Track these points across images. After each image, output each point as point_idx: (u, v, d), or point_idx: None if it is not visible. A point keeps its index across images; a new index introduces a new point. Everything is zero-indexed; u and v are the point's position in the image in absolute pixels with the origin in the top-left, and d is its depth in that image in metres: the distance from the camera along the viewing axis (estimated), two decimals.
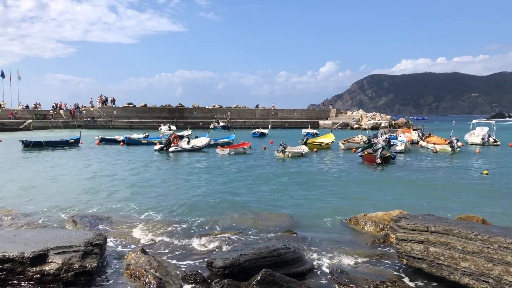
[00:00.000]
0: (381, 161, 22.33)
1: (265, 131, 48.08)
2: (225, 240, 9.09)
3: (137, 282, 6.83)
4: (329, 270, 7.40)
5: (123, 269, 7.37)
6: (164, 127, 54.83)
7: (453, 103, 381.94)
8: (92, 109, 62.22)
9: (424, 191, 15.54)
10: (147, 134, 39.68)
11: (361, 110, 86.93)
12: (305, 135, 39.06)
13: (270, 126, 63.79)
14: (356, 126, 63.03)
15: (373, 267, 7.61)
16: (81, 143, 33.64)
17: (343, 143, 33.00)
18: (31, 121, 55.96)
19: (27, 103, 63.57)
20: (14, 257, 6.63)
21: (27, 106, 62.46)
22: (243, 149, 28.74)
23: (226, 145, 33.08)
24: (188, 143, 29.71)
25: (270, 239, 9.19)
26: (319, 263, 7.78)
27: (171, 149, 28.04)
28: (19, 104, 62.88)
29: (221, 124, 61.44)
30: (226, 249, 8.38)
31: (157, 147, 28.84)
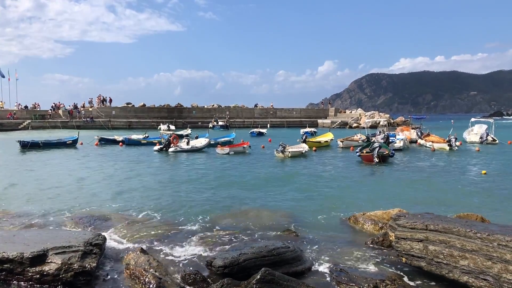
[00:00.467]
0: (378, 160, 22.39)
1: (263, 130, 48.05)
2: (225, 239, 9.10)
3: (137, 281, 6.83)
4: (329, 269, 7.42)
5: (122, 269, 7.37)
6: (163, 127, 54.79)
7: (451, 102, 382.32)
8: (91, 109, 62.13)
9: (423, 189, 15.55)
10: (147, 134, 39.58)
11: (359, 109, 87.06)
12: (304, 134, 39.09)
13: (269, 125, 63.80)
14: (355, 125, 63.08)
15: (372, 265, 7.61)
16: (81, 143, 33.56)
17: (342, 141, 33.07)
18: (29, 121, 55.86)
19: (26, 103, 63.70)
20: (13, 257, 6.63)
21: (26, 106, 62.36)
22: (243, 148, 28.72)
23: (226, 144, 33.11)
24: (187, 143, 29.66)
25: (269, 238, 9.20)
26: (318, 262, 7.79)
27: (170, 150, 28.00)
28: (16, 104, 62.74)
29: (220, 123, 61.41)
30: (225, 248, 8.38)
31: (157, 148, 28.78)
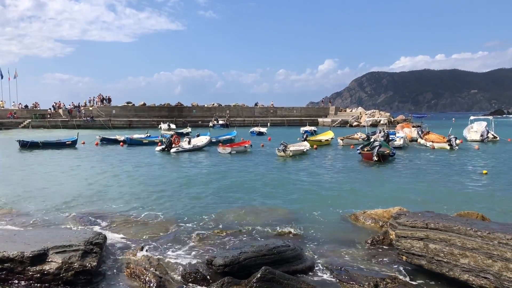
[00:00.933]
0: (377, 159, 22.39)
1: (263, 129, 47.91)
2: (225, 238, 9.10)
3: (137, 280, 6.84)
4: (329, 267, 7.42)
5: (123, 267, 7.38)
6: (164, 126, 54.79)
7: (452, 100, 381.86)
8: (91, 108, 62.15)
9: (423, 188, 15.54)
10: (148, 134, 39.64)
11: (360, 107, 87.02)
12: (304, 132, 39.10)
13: (269, 124, 63.76)
14: (355, 123, 63.08)
15: (372, 264, 7.62)
16: (83, 143, 33.49)
17: (342, 140, 33.12)
18: (30, 120, 55.91)
19: (26, 102, 63.50)
20: (14, 256, 6.63)
21: (26, 106, 62.36)
22: (244, 147, 28.78)
23: (228, 142, 33.14)
24: (189, 143, 29.65)
25: (270, 236, 9.20)
26: (319, 261, 7.79)
27: (172, 150, 27.93)
28: (13, 104, 62.55)
29: (220, 122, 61.40)
30: (226, 247, 8.38)
31: (159, 148, 28.69)
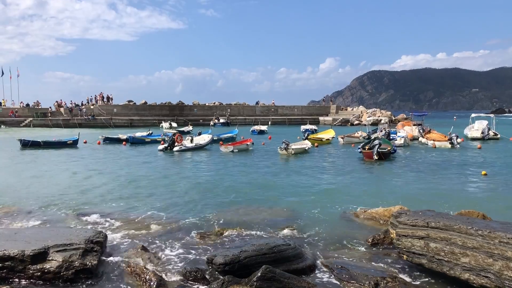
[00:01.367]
0: (378, 157, 22.43)
1: (264, 128, 47.96)
2: (226, 236, 9.10)
3: (138, 279, 6.85)
4: (329, 266, 7.41)
5: (123, 266, 7.39)
6: (165, 125, 54.90)
7: (453, 99, 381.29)
8: (92, 107, 62.18)
9: (424, 187, 15.52)
10: (150, 131, 39.76)
11: (361, 106, 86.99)
12: (304, 131, 39.07)
13: (270, 122, 63.79)
14: (356, 122, 63.02)
15: (373, 263, 7.61)
16: (85, 142, 33.46)
17: (342, 138, 33.14)
18: (31, 119, 55.92)
19: (27, 101, 63.45)
20: (14, 255, 6.65)
21: (28, 104, 62.36)
22: (246, 145, 28.91)
23: (229, 140, 33.16)
24: (191, 141, 29.67)
25: (270, 235, 9.20)
26: (319, 259, 7.79)
27: (175, 149, 27.90)
28: (12, 103, 62.42)
29: (221, 120, 61.46)
30: (226, 245, 8.38)
31: (161, 147, 28.61)
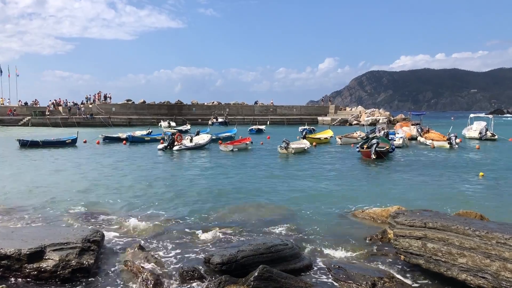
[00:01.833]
0: (375, 156, 22.54)
1: (262, 127, 48.18)
2: (223, 236, 9.09)
3: (135, 278, 6.83)
4: (327, 266, 7.40)
5: (120, 265, 7.38)
6: (164, 124, 54.92)
7: (452, 99, 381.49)
8: (90, 106, 62.10)
9: (422, 187, 15.53)
10: (150, 130, 39.80)
11: (360, 106, 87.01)
12: (303, 130, 39.13)
13: (268, 122, 63.79)
14: (355, 122, 63.06)
15: (370, 263, 7.61)
16: (85, 141, 33.34)
17: (340, 138, 33.20)
18: (29, 118, 55.80)
19: (26, 100, 63.43)
20: (11, 254, 6.63)
21: (26, 103, 62.24)
22: (245, 144, 29.09)
23: (228, 139, 33.24)
24: (191, 141, 29.66)
25: (268, 234, 9.19)
26: (316, 259, 7.78)
27: (175, 148, 27.86)
28: (8, 101, 61.99)
29: (219, 120, 61.40)
30: (224, 245, 8.36)
31: (161, 146, 28.56)
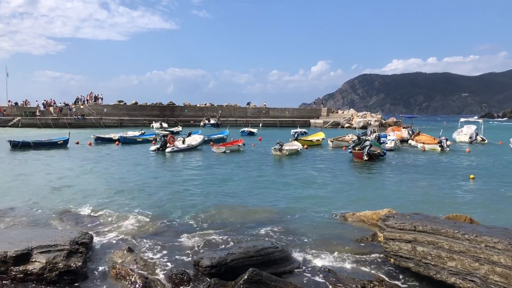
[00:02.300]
0: (368, 158, 22.64)
1: (254, 130, 48.14)
2: (213, 238, 9.03)
3: (123, 281, 6.77)
4: (317, 269, 7.39)
5: (109, 268, 7.30)
6: (155, 125, 54.77)
7: (443, 103, 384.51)
8: (82, 107, 61.70)
9: (413, 190, 15.57)
10: (143, 131, 39.73)
11: (352, 109, 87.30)
12: (294, 133, 39.22)
13: (261, 124, 63.82)
14: (347, 125, 63.27)
15: (360, 266, 7.60)
16: (77, 143, 33.12)
17: (332, 141, 33.29)
18: (19, 118, 55.31)
19: (16, 100, 62.72)
20: None
21: (16, 103, 61.64)
22: (238, 146, 29.11)
23: (220, 141, 33.25)
24: (183, 142, 29.56)
25: (258, 237, 9.15)
26: (306, 262, 7.75)
27: (167, 150, 27.69)
28: None
29: (211, 121, 61.23)
30: (213, 247, 8.31)
31: (153, 148, 28.39)
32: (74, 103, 63.44)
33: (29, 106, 61.12)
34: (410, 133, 37.55)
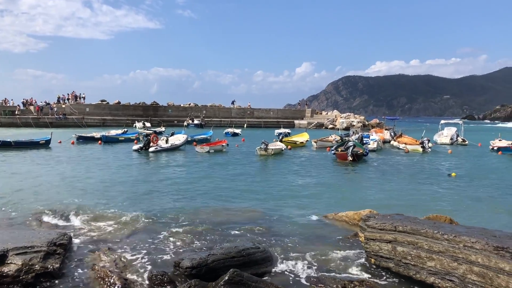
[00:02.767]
0: (352, 158, 22.77)
1: (237, 131, 48.02)
2: (194, 238, 8.96)
3: (102, 282, 6.66)
4: (298, 269, 7.38)
5: (88, 269, 7.18)
6: (138, 124, 54.27)
7: (425, 105, 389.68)
8: (63, 106, 60.79)
9: (395, 190, 15.72)
10: (126, 129, 39.38)
11: (335, 110, 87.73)
12: (278, 135, 39.32)
13: (246, 125, 63.69)
14: (330, 126, 63.64)
15: (341, 266, 7.61)
16: (59, 142, 32.60)
17: (316, 142, 33.45)
18: None
19: None
20: None
21: None
22: (221, 146, 29.05)
23: (204, 141, 33.10)
24: (166, 142, 29.33)
25: (240, 238, 9.10)
26: (288, 263, 7.73)
27: (150, 149, 27.40)
28: None
29: (195, 122, 60.78)
30: (195, 248, 8.25)
31: (136, 147, 27.98)
32: (56, 102, 62.53)
33: (8, 105, 59.93)
34: (392, 134, 38.10)
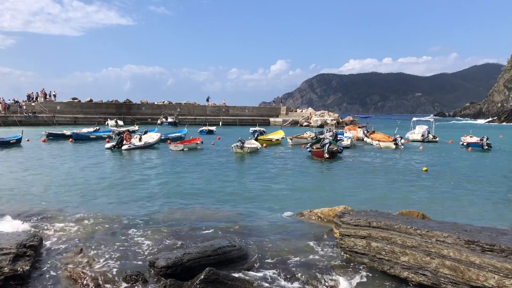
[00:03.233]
0: (328, 156, 22.97)
1: (212, 128, 47.91)
2: (169, 238, 8.85)
3: (75, 284, 6.52)
4: (274, 266, 7.38)
5: (60, 271, 7.01)
6: (111, 122, 53.42)
7: (397, 102, 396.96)
8: (33, 104, 59.26)
9: (369, 186, 15.95)
10: (98, 127, 38.77)
11: (310, 108, 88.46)
12: (253, 132, 39.36)
13: (221, 123, 63.49)
14: (305, 123, 64.16)
15: (316, 262, 7.65)
16: (27, 140, 31.79)
17: (291, 139, 33.65)
18: None
19: None
20: None
21: None
22: (196, 144, 28.90)
23: (178, 139, 32.86)
24: (140, 139, 28.95)
25: (216, 236, 9.04)
26: (264, 260, 7.73)
27: (124, 147, 26.94)
28: None
29: (169, 120, 60.16)
30: (170, 247, 8.15)
31: (109, 145, 27.42)
32: (25, 100, 60.88)
33: None
34: (365, 132, 38.83)
